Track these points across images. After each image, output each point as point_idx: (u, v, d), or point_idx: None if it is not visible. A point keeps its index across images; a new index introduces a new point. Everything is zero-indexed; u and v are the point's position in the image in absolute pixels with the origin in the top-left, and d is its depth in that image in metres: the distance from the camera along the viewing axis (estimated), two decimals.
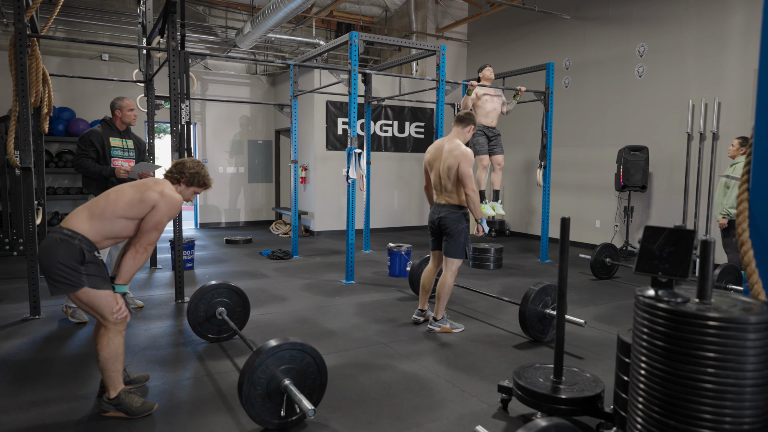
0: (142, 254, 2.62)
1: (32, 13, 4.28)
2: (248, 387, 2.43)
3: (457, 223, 4.02)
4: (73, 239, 2.50)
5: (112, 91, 9.01)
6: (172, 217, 2.67)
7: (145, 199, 2.60)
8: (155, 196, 2.61)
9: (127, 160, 4.45)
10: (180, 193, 2.78)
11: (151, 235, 2.62)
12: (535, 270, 6.60)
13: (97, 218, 2.57)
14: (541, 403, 2.51)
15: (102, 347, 2.61)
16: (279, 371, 2.49)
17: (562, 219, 2.58)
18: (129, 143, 4.51)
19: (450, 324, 4.14)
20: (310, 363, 2.58)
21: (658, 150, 7.21)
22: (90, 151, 4.27)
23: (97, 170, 4.24)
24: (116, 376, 2.66)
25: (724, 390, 1.64)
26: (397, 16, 11.07)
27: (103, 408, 2.69)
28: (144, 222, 2.61)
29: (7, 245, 6.88)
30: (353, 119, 5.63)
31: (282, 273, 6.26)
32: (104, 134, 4.36)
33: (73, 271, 2.47)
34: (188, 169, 2.79)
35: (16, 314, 4.36)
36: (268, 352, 2.47)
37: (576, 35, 8.42)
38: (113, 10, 9.22)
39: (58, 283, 2.48)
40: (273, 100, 10.89)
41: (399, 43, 6.14)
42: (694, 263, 4.08)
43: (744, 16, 6.29)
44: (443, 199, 4.10)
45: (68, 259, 2.46)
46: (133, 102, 4.53)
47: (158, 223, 2.62)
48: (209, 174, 2.89)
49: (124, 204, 2.60)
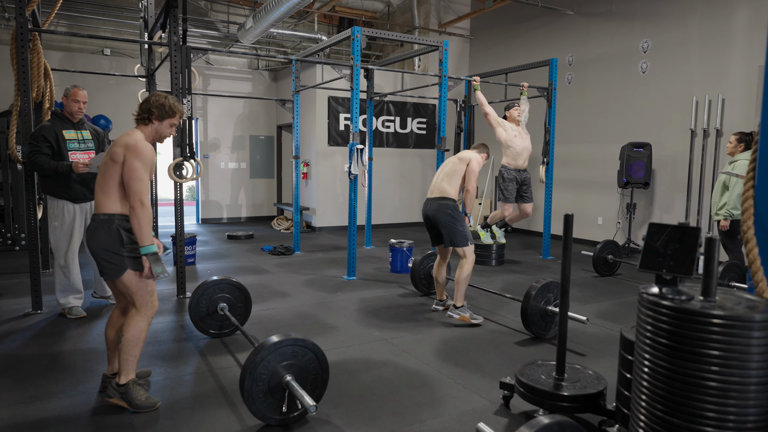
0: (139, 209, 2.55)
1: (34, 7, 4.26)
2: (250, 383, 2.42)
3: (449, 212, 4.16)
4: (111, 223, 2.60)
5: (114, 86, 9.00)
6: (147, 164, 2.60)
7: (113, 157, 2.60)
8: (119, 150, 2.59)
9: (86, 153, 4.14)
10: (156, 131, 2.75)
11: (132, 186, 2.55)
12: (537, 266, 6.59)
13: (111, 194, 2.62)
14: (544, 400, 2.50)
15: (127, 328, 2.65)
16: (281, 367, 2.48)
17: (566, 216, 2.57)
18: (85, 134, 4.20)
19: (470, 314, 4.19)
20: (311, 359, 2.57)
21: (662, 147, 7.18)
22: (43, 147, 3.94)
23: (52, 167, 3.92)
24: (132, 361, 2.68)
25: (728, 388, 1.63)
26: (400, 12, 11.03)
27: (109, 392, 2.72)
28: (124, 179, 2.58)
29: (9, 240, 6.89)
30: (355, 115, 5.62)
31: (284, 269, 6.26)
32: (56, 127, 4.05)
33: (117, 255, 2.59)
34: (152, 105, 2.71)
35: (18, 309, 4.36)
36: (270, 348, 2.47)
37: (579, 31, 8.38)
38: (115, 5, 9.20)
39: (107, 268, 2.60)
40: (275, 95, 10.87)
41: (401, 39, 6.12)
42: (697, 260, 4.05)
43: (749, 13, 6.25)
44: (436, 194, 4.28)
45: (110, 244, 2.58)
46: (83, 92, 4.18)
47: (134, 173, 2.55)
48: (177, 103, 2.80)
49: (106, 172, 2.62)
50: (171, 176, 4.71)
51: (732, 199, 4.70)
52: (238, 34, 8.49)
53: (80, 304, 4.27)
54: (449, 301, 4.60)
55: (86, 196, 4.16)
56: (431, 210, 4.23)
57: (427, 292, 5.10)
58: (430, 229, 4.35)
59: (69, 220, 4.11)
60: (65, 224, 4.10)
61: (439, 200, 4.23)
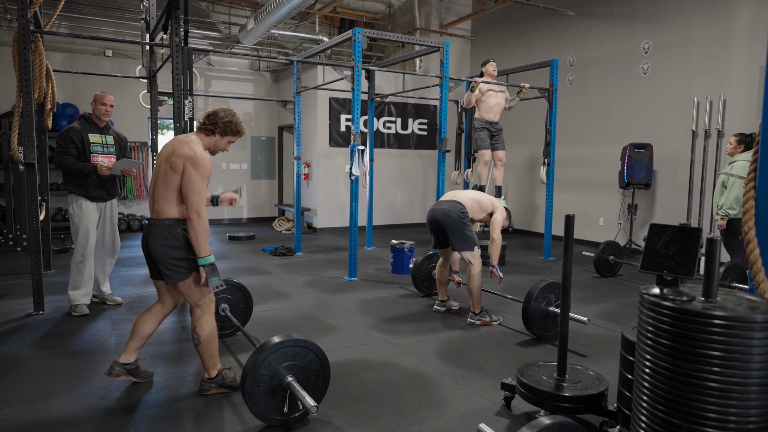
0: (197, 220, 2.59)
1: (36, 8, 4.28)
2: (251, 383, 2.43)
3: (459, 215, 4.18)
4: (176, 227, 2.65)
5: (116, 87, 9.01)
6: (206, 176, 2.63)
7: (173, 166, 2.62)
8: (179, 161, 2.61)
9: (108, 156, 4.35)
10: (215, 144, 2.80)
11: (190, 197, 2.59)
12: (538, 267, 6.59)
13: (171, 201, 2.65)
14: (545, 401, 2.50)
15: (200, 329, 2.75)
16: (282, 368, 2.49)
17: (567, 216, 2.57)
18: (109, 139, 4.40)
19: (489, 317, 4.25)
20: (312, 360, 2.58)
21: (663, 147, 7.18)
22: (70, 149, 4.18)
23: (78, 167, 4.15)
24: (215, 354, 2.80)
25: (730, 389, 1.63)
26: (401, 13, 11.04)
27: (203, 387, 2.83)
28: (182, 189, 2.62)
29: (11, 241, 6.89)
30: (356, 116, 5.62)
31: (285, 269, 6.26)
32: (83, 130, 4.26)
33: (183, 260, 2.66)
34: (221, 118, 2.76)
35: (19, 310, 4.37)
36: (271, 348, 2.47)
37: (580, 32, 8.38)
38: (116, 6, 9.21)
39: (174, 273, 2.67)
40: (276, 96, 10.88)
41: (402, 40, 6.13)
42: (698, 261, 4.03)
43: (750, 13, 6.24)
44: (449, 197, 4.34)
45: (177, 251, 2.63)
46: (109, 97, 4.35)
47: (193, 185, 2.59)
48: (243, 124, 2.88)
49: (166, 181, 2.64)
50: None
51: (729, 199, 4.71)
52: (240, 36, 8.50)
53: (87, 302, 4.34)
54: (451, 301, 4.63)
55: (104, 196, 4.37)
56: (441, 212, 4.22)
57: (428, 293, 5.10)
58: (437, 233, 4.36)
59: (87, 217, 4.26)
60: (83, 221, 4.25)
61: (452, 203, 4.24)
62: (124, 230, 9.16)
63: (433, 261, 5.08)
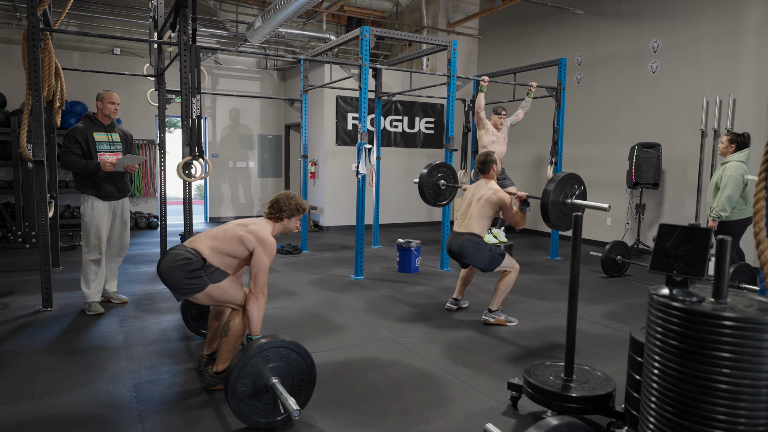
0: (261, 299, 2.81)
1: (45, 7, 4.30)
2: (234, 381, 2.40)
3: (476, 248, 4.09)
4: (195, 258, 2.80)
5: (124, 85, 9.05)
6: (271, 258, 2.87)
7: (244, 240, 2.85)
8: (252, 240, 2.83)
9: (115, 154, 4.34)
10: (285, 227, 3.04)
11: (260, 278, 2.81)
12: (545, 267, 6.57)
13: (215, 251, 2.85)
14: (552, 401, 2.49)
15: (233, 323, 2.88)
16: (267, 369, 2.46)
17: (575, 216, 2.56)
18: (115, 137, 4.41)
19: (505, 317, 4.22)
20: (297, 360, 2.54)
21: (672, 147, 7.13)
22: (74, 148, 4.20)
23: (82, 165, 4.17)
24: (232, 352, 2.88)
25: (740, 391, 1.62)
26: (408, 11, 11.02)
27: (209, 382, 2.89)
28: (252, 267, 2.84)
29: (20, 238, 6.94)
30: (363, 114, 5.62)
31: (291, 268, 6.28)
32: (87, 130, 4.27)
33: (197, 279, 2.78)
34: (285, 205, 2.99)
35: (28, 306, 4.40)
36: (256, 350, 2.44)
37: (589, 30, 8.33)
38: (125, 5, 9.25)
39: (187, 292, 2.81)
40: (283, 94, 10.89)
41: (410, 38, 6.11)
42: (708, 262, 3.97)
43: (760, 12, 6.19)
44: (463, 228, 4.20)
45: (190, 273, 2.76)
46: (116, 95, 4.40)
47: (263, 268, 2.82)
48: (302, 201, 3.09)
49: (233, 244, 2.85)
50: (180, 175, 4.73)
51: (721, 201, 4.63)
52: (247, 34, 8.51)
53: (99, 300, 4.36)
54: (463, 301, 4.65)
55: (115, 194, 4.37)
56: (457, 246, 4.17)
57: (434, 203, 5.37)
58: (456, 259, 4.30)
59: (98, 216, 4.28)
60: (95, 220, 4.27)
61: (468, 236, 4.14)
62: (131, 228, 9.19)
63: (441, 172, 5.36)
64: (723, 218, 4.67)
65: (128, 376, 3.07)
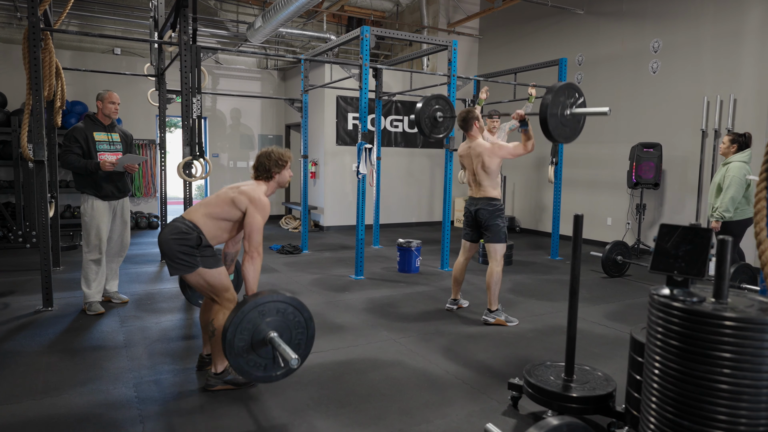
0: (256, 258, 2.78)
1: (45, 6, 4.30)
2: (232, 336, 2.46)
3: (493, 214, 4.20)
4: (191, 232, 2.77)
5: (124, 85, 9.05)
6: (265, 217, 2.85)
7: (236, 201, 2.84)
8: (245, 200, 2.83)
9: (115, 154, 4.34)
10: (278, 182, 3.02)
11: (254, 237, 2.79)
12: (546, 267, 6.56)
13: (209, 217, 2.84)
14: (552, 402, 2.49)
15: (216, 322, 2.83)
16: (264, 324, 2.52)
17: (575, 216, 2.56)
18: (115, 137, 4.41)
19: (505, 317, 4.22)
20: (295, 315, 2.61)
21: (672, 147, 7.13)
22: (74, 147, 4.20)
23: (82, 165, 4.16)
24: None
25: (740, 391, 1.62)
26: (409, 11, 11.02)
27: (210, 383, 2.88)
28: (245, 226, 2.82)
29: (21, 237, 6.94)
30: (364, 114, 5.61)
31: (291, 268, 6.28)
32: (87, 130, 4.27)
33: (190, 256, 2.75)
34: (267, 162, 2.97)
35: (28, 306, 4.40)
36: (252, 304, 2.50)
37: (589, 30, 8.33)
38: (126, 5, 9.25)
39: (178, 266, 2.76)
40: (283, 94, 10.90)
41: (410, 38, 6.11)
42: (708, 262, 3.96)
43: (761, 12, 6.18)
44: (479, 193, 4.29)
45: (186, 247, 2.74)
46: (116, 95, 4.40)
47: (257, 226, 2.80)
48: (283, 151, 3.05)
49: (225, 206, 2.85)
50: (180, 175, 4.74)
51: (725, 201, 4.62)
52: (248, 34, 8.51)
53: (99, 300, 4.36)
54: (462, 300, 4.64)
55: (115, 194, 4.37)
56: (476, 207, 4.26)
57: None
58: (470, 225, 4.37)
59: (99, 216, 4.28)
60: (95, 220, 4.27)
61: (485, 200, 4.24)
62: (132, 228, 9.20)
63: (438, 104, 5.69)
64: (726, 219, 4.66)
65: (129, 376, 3.07)
